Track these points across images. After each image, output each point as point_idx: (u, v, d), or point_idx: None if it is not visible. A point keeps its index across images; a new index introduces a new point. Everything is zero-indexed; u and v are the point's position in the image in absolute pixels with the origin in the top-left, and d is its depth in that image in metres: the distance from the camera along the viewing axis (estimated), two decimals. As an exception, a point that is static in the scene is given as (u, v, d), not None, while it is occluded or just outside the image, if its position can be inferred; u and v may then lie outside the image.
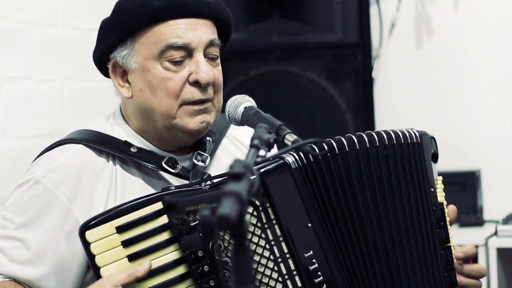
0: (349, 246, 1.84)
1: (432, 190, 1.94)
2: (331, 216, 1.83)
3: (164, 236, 1.88)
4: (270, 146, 1.69)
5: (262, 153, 1.64)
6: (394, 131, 1.91)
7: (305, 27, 3.57)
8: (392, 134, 1.90)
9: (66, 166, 1.98)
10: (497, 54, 3.78)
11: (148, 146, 2.05)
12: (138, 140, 2.05)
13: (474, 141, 3.81)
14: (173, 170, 2.02)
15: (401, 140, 1.91)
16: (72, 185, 1.97)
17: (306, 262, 1.79)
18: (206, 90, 2.01)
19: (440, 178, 1.99)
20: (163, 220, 1.88)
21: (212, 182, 1.88)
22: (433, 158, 1.98)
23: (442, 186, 1.99)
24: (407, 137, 1.92)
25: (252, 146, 1.64)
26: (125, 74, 2.04)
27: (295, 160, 1.81)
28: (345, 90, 3.52)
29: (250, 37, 3.58)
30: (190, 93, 2.00)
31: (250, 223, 1.78)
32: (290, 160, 1.81)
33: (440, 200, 1.97)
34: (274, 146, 1.74)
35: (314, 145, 1.80)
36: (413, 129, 1.94)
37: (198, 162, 2.06)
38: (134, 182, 2.02)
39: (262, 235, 1.78)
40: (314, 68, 3.53)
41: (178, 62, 1.99)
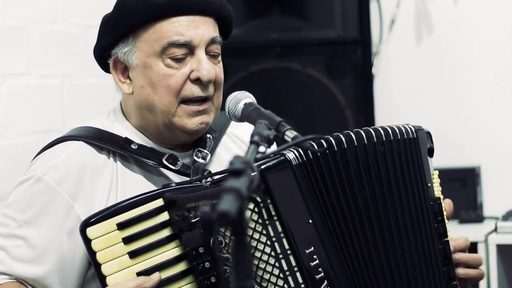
0: (349, 243, 1.84)
1: (429, 185, 1.95)
2: (331, 212, 1.84)
3: (165, 232, 1.88)
4: (270, 143, 1.69)
5: (262, 149, 1.64)
6: (391, 127, 1.92)
7: (305, 24, 3.58)
8: (389, 130, 1.91)
9: (67, 163, 1.98)
10: (496, 50, 3.78)
11: (148, 143, 2.05)
12: (138, 136, 2.05)
13: (474, 137, 3.81)
14: (173, 167, 2.02)
15: (397, 136, 1.91)
16: (73, 182, 1.97)
17: (307, 259, 1.79)
18: (207, 87, 2.01)
19: (436, 173, 1.99)
20: (164, 216, 1.88)
21: (212, 179, 1.88)
22: (429, 152, 1.98)
23: (439, 180, 1.99)
24: (403, 132, 1.92)
25: (252, 142, 1.64)
26: (126, 70, 2.04)
27: (296, 156, 1.81)
28: (345, 86, 3.52)
29: (250, 33, 3.58)
30: (191, 90, 2.00)
31: (251, 220, 1.79)
32: (291, 156, 1.81)
33: (437, 194, 1.97)
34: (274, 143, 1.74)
35: (313, 141, 1.80)
36: (408, 124, 1.95)
37: (198, 159, 2.06)
38: (135, 178, 2.02)
39: (263, 232, 1.79)
40: (314, 64, 3.53)
41: (180, 59, 1.99)
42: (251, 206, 1.78)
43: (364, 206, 1.85)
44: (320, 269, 1.80)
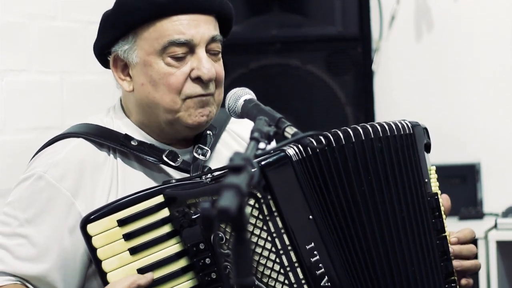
0: (348, 239, 1.85)
1: (426, 180, 1.95)
2: (331, 208, 1.84)
3: (165, 229, 1.88)
4: (270, 139, 1.69)
5: (262, 145, 1.64)
6: (388, 123, 1.92)
7: (305, 20, 3.58)
8: (385, 126, 1.91)
9: (68, 160, 1.98)
10: (497, 46, 3.78)
11: (148, 139, 2.05)
12: (138, 133, 2.05)
13: (474, 134, 3.81)
14: (173, 164, 2.02)
15: (394, 132, 1.92)
16: (74, 179, 1.97)
17: (308, 254, 1.79)
18: (208, 85, 2.01)
19: (433, 168, 1.99)
20: (164, 213, 1.88)
21: (213, 175, 1.88)
22: (426, 148, 1.98)
23: (436, 176, 2.00)
24: (400, 128, 1.93)
25: (252, 138, 1.64)
26: (126, 67, 2.04)
27: (296, 152, 1.82)
28: (345, 83, 3.52)
29: (250, 30, 3.58)
30: (192, 88, 1.99)
31: (252, 216, 1.79)
32: (291, 152, 1.81)
33: (434, 190, 1.97)
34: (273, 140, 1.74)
35: (312, 138, 1.80)
36: (405, 120, 1.95)
37: (198, 155, 2.06)
38: (135, 175, 2.02)
39: (264, 228, 1.79)
40: (314, 61, 3.53)
41: (180, 58, 1.99)
42: (252, 202, 1.79)
43: (362, 202, 1.86)
44: (320, 265, 1.80)
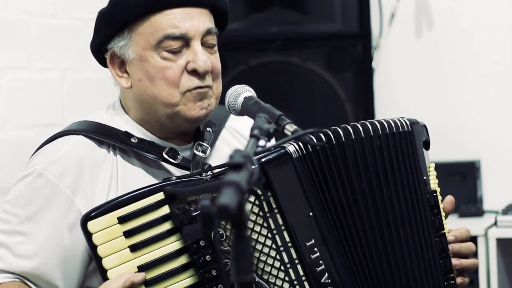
0: (348, 236, 1.85)
1: (424, 178, 1.95)
2: (331, 205, 1.84)
3: (165, 226, 1.88)
4: (270, 136, 1.69)
5: (262, 143, 1.64)
6: (387, 121, 1.92)
7: (305, 17, 3.57)
8: (384, 124, 1.91)
9: (67, 158, 1.98)
10: (497, 44, 3.78)
11: (148, 136, 2.05)
12: (138, 130, 2.06)
13: (474, 131, 3.81)
14: (173, 161, 2.03)
15: (393, 129, 1.92)
16: (73, 176, 1.97)
17: (308, 251, 1.80)
18: (205, 78, 2.01)
19: (432, 165, 2.00)
20: (165, 210, 1.88)
21: (213, 172, 1.88)
22: (425, 145, 1.98)
23: (435, 173, 2.00)
24: (399, 126, 1.93)
25: (252, 136, 1.64)
26: (123, 64, 2.04)
27: (296, 149, 1.82)
28: (345, 80, 3.52)
29: (249, 27, 3.58)
30: (189, 81, 2.00)
31: (252, 212, 1.79)
32: (291, 149, 1.81)
33: (433, 187, 1.97)
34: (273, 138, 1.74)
35: (312, 135, 1.80)
36: (404, 117, 1.95)
37: (198, 152, 2.06)
38: (135, 172, 2.02)
39: (264, 224, 1.79)
40: (314, 58, 3.53)
41: (176, 52, 2.00)
42: (252, 199, 1.79)
43: (362, 199, 1.86)
44: (321, 261, 1.80)
